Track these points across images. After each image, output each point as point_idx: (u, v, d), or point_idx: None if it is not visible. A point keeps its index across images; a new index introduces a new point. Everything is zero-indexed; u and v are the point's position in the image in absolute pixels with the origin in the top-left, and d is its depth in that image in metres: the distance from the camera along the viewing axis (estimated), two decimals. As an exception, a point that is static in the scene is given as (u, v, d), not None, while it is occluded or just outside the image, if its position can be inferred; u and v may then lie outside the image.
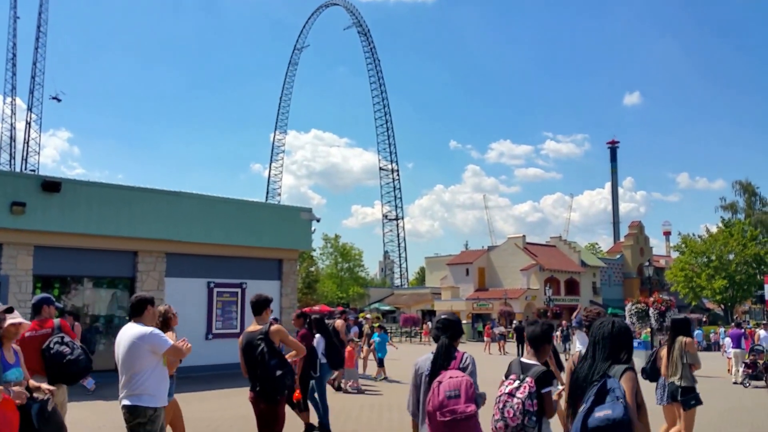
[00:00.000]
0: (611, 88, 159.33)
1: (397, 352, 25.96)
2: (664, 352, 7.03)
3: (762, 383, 14.69)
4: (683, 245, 49.78)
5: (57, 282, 14.34)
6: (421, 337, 40.53)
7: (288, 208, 19.78)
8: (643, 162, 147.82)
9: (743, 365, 15.32)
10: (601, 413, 2.98)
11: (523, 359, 4.22)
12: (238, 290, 16.78)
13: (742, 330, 17.97)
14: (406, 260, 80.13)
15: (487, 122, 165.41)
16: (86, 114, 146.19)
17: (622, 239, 66.43)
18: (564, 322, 27.78)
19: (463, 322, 42.66)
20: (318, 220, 19.06)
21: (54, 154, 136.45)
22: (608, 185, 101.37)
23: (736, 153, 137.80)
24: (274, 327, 5.44)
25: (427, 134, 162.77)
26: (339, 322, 13.76)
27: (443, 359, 3.80)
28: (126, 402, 4.57)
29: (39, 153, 67.68)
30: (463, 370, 3.76)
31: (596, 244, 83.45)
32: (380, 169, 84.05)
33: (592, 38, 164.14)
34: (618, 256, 60.59)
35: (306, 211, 18.79)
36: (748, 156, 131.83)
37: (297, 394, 7.34)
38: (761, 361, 15.06)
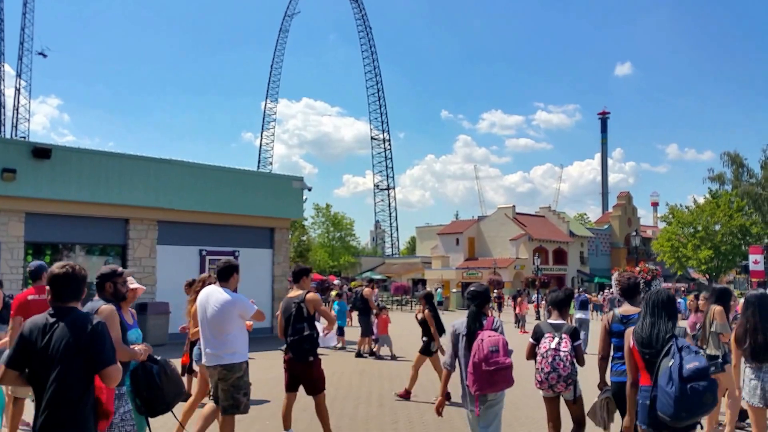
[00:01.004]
0: (603, 59, 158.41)
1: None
2: None
3: (742, 350, 15.12)
4: (670, 216, 50.33)
5: (48, 249, 14.34)
6: (412, 306, 40.97)
7: (280, 177, 19.75)
8: (632, 133, 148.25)
9: (725, 333, 15.73)
10: (691, 365, 3.61)
11: (550, 321, 5.13)
12: (230, 258, 16.84)
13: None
14: (397, 230, 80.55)
15: (479, 92, 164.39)
16: (76, 81, 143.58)
17: (610, 210, 67.01)
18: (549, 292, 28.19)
19: (453, 290, 43.16)
20: (309, 189, 19.09)
21: (44, 121, 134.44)
22: (598, 156, 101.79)
23: (725, 124, 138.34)
24: (310, 295, 5.82)
25: (418, 104, 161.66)
26: (367, 290, 13.89)
27: (473, 322, 4.50)
28: (220, 362, 5.11)
29: (29, 120, 66.84)
30: (495, 330, 4.47)
31: (585, 214, 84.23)
32: (372, 138, 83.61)
33: (585, 8, 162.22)
34: (606, 227, 61.22)
35: (298, 179, 18.77)
36: (737, 128, 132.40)
37: (185, 358, 7.56)
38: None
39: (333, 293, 15.22)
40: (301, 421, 6.92)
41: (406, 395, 8.49)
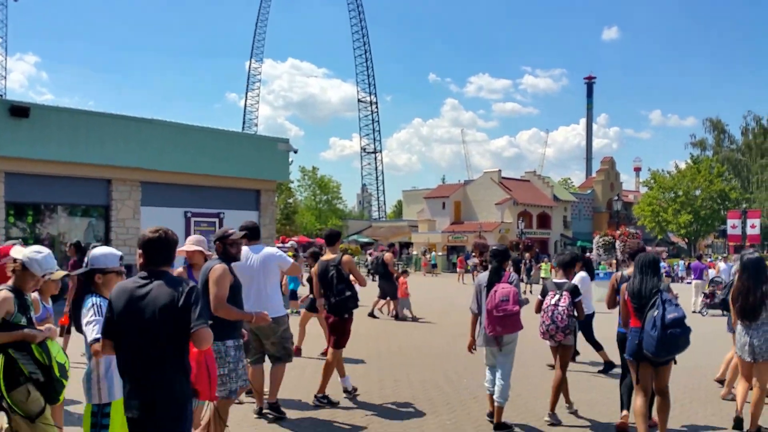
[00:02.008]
0: (590, 22, 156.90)
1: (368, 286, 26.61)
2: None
3: (718, 312, 15.51)
4: (652, 181, 50.87)
5: (30, 209, 14.14)
6: (399, 268, 41.26)
7: (265, 139, 19.53)
8: (617, 98, 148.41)
9: (702, 295, 16.10)
10: (671, 315, 4.56)
11: (555, 280, 5.99)
12: (216, 220, 16.78)
13: (705, 265, 18.75)
14: (383, 193, 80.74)
15: (467, 55, 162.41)
16: (54, 38, 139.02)
17: (594, 175, 67.50)
18: (528, 255, 28.66)
19: (439, 254, 43.52)
20: (295, 152, 18.96)
21: (21, 79, 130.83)
22: (583, 121, 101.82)
23: (709, 91, 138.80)
24: (346, 258, 6.26)
25: (406, 66, 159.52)
26: (388, 255, 14.12)
27: (494, 276, 5.36)
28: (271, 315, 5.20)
29: (5, 77, 64.97)
30: (510, 283, 5.28)
31: (569, 179, 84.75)
32: (359, 101, 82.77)
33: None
34: (589, 191, 61.76)
35: (283, 141, 18.59)
36: (720, 94, 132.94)
37: (65, 319, 7.61)
38: (720, 292, 15.84)
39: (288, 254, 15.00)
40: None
41: (297, 353, 8.51)
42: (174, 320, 2.79)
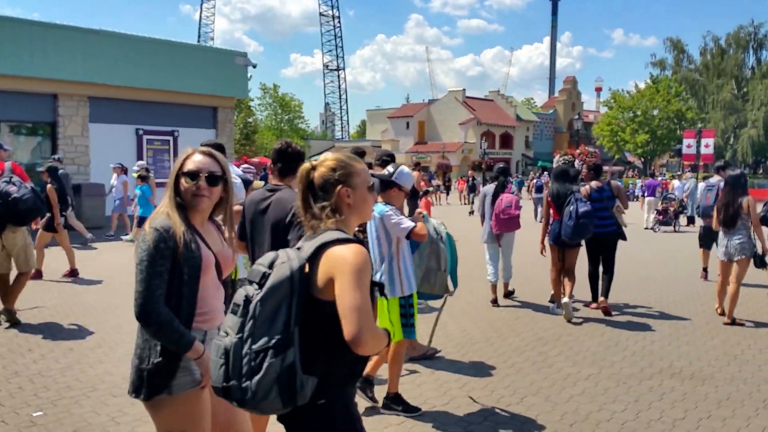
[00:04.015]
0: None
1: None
2: None
3: (670, 228, 16.17)
4: (612, 101, 51.33)
5: (-31, 127, 13.26)
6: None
7: (222, 52, 18.53)
8: (581, 17, 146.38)
9: (655, 212, 16.66)
10: (582, 209, 6.05)
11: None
12: (170, 138, 16.16)
13: (658, 182, 19.29)
14: (347, 112, 79.30)
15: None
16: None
17: (556, 94, 67.60)
18: (471, 172, 29.42)
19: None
20: (254, 66, 18.15)
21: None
22: (547, 40, 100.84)
23: (671, 10, 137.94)
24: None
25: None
26: (415, 174, 13.79)
27: (500, 188, 6.89)
28: None
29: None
30: (511, 194, 6.81)
31: (532, 99, 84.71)
32: (320, 14, 79.22)
33: None
34: (551, 111, 62.08)
35: (241, 55, 17.70)
36: (682, 14, 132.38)
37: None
38: (672, 209, 16.43)
39: (135, 175, 11.39)
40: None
41: (69, 274, 8.22)
42: (280, 234, 2.93)
